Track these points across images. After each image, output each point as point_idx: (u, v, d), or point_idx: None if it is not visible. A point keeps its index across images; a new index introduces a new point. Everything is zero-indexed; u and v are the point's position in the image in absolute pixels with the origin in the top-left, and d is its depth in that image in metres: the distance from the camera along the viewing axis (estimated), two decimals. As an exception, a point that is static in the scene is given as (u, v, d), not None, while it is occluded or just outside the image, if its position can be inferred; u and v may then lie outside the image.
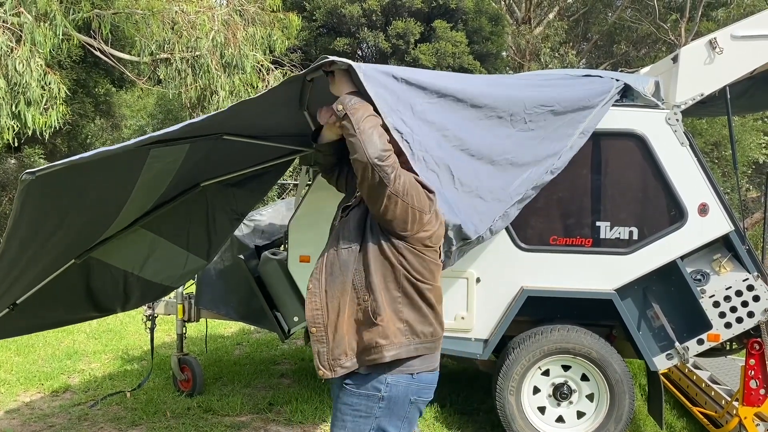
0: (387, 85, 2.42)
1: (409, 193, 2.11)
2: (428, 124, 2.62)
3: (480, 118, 2.98)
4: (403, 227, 2.13)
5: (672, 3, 20.39)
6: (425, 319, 2.22)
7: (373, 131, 2.11)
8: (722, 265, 3.91)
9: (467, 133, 2.89)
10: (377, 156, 2.05)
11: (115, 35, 11.87)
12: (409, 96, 2.56)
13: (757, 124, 13.99)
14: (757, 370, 3.86)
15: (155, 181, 3.35)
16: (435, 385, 2.33)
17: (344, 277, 2.19)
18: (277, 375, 5.74)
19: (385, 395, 2.19)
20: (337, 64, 2.26)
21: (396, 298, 2.17)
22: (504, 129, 3.12)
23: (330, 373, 2.21)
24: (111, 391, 5.22)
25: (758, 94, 4.63)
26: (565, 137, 3.43)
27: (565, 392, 4.05)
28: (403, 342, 2.18)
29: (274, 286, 4.46)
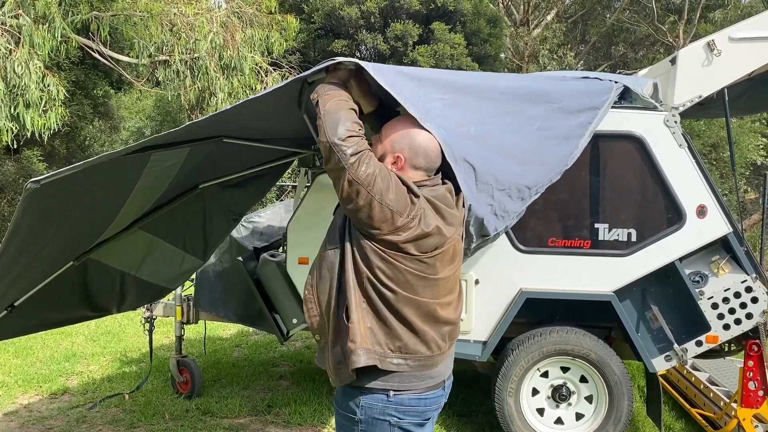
0: (399, 81, 2.33)
1: (377, 186, 1.94)
2: (447, 120, 2.49)
3: (497, 114, 2.88)
4: (370, 224, 1.96)
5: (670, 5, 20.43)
6: (392, 332, 2.02)
7: (339, 112, 2.00)
8: (721, 267, 3.91)
9: (490, 129, 2.78)
10: (337, 135, 1.94)
11: (113, 37, 11.88)
12: (420, 92, 2.44)
13: (755, 125, 14.01)
14: (756, 372, 3.86)
15: (155, 184, 3.35)
16: (426, 409, 2.11)
17: (331, 279, 2.07)
18: (275, 377, 5.74)
19: (361, 418, 2.04)
20: (344, 64, 2.20)
21: (361, 302, 2.02)
22: (523, 126, 3.02)
23: (336, 381, 2.09)
24: (109, 393, 5.22)
25: (756, 95, 4.63)
26: (579, 137, 3.36)
27: (563, 394, 4.05)
28: (371, 348, 1.99)
29: (273, 288, 4.46)
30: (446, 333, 2.13)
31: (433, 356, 2.08)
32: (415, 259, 2.01)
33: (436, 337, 2.08)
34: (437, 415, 2.26)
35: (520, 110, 3.02)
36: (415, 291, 2.02)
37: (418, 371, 2.06)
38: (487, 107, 2.82)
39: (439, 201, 2.08)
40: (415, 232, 1.98)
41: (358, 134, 1.99)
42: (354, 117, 2.03)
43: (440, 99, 2.52)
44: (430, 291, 2.05)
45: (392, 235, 1.97)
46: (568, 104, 3.31)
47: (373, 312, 2.02)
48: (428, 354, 2.07)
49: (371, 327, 2.01)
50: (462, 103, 2.66)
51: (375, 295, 2.01)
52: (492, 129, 2.80)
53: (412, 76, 2.44)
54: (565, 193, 3.98)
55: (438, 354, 2.10)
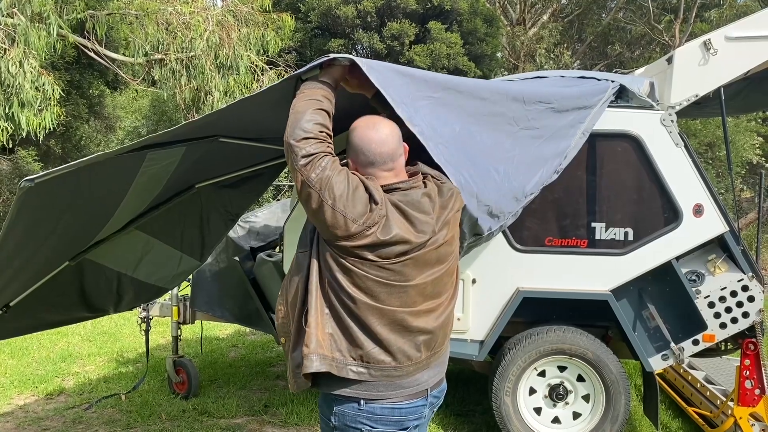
0: (391, 78, 2.34)
1: (331, 191, 1.87)
2: (437, 118, 2.52)
3: (484, 113, 2.89)
4: (324, 228, 1.91)
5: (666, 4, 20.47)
6: (354, 340, 1.94)
7: (304, 112, 1.97)
8: (717, 266, 3.91)
9: (476, 128, 2.80)
10: (293, 136, 1.92)
11: (109, 36, 11.87)
12: (415, 88, 2.46)
13: (751, 125, 14.04)
14: (752, 371, 3.87)
15: (150, 183, 3.34)
16: (402, 419, 2.01)
17: (299, 282, 2.00)
18: (272, 377, 5.73)
19: (336, 425, 2.01)
20: (338, 60, 2.18)
21: (323, 307, 1.96)
22: (508, 127, 3.04)
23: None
24: (106, 393, 5.20)
25: (752, 95, 4.64)
26: (568, 137, 3.39)
27: (561, 393, 4.05)
28: (328, 355, 1.93)
29: (270, 288, 4.45)
30: (421, 343, 2.00)
31: (401, 366, 1.97)
32: (375, 266, 1.92)
33: (405, 348, 1.97)
34: (425, 423, 2.17)
35: (508, 110, 3.04)
36: (377, 299, 1.93)
37: (385, 381, 1.96)
38: (475, 106, 2.83)
39: (410, 207, 1.97)
40: (371, 240, 1.89)
41: (317, 136, 1.94)
42: (319, 118, 1.97)
43: (430, 97, 2.52)
44: (397, 299, 1.95)
45: (346, 241, 1.89)
46: (558, 105, 3.31)
47: (334, 318, 1.95)
48: (394, 365, 1.96)
49: (332, 333, 1.94)
50: (451, 102, 2.68)
51: (336, 301, 1.94)
52: (478, 128, 2.81)
53: (405, 73, 2.45)
54: (561, 193, 3.99)
55: (408, 365, 1.99)
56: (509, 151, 3.01)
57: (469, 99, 2.81)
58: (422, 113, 2.37)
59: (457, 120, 2.68)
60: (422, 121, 2.34)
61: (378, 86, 2.18)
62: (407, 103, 2.30)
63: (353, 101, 2.43)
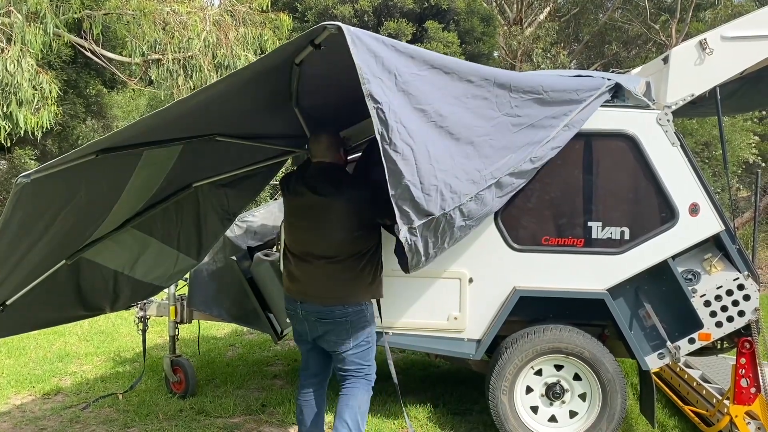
0: (375, 50, 2.40)
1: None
2: (409, 96, 2.60)
3: (467, 96, 2.94)
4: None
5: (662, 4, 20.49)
6: None
7: None
8: (713, 265, 3.93)
9: (450, 110, 2.85)
10: None
11: (105, 36, 11.83)
12: (396, 64, 2.52)
13: (747, 124, 14.06)
14: (748, 369, 3.88)
15: (147, 182, 3.35)
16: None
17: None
18: (270, 376, 5.73)
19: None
20: (328, 28, 2.29)
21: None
22: (489, 111, 3.08)
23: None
24: (103, 393, 5.20)
25: (748, 94, 4.65)
26: (548, 127, 3.40)
27: (557, 392, 4.05)
28: None
29: (267, 288, 4.45)
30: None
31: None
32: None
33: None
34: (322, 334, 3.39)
35: (492, 95, 3.06)
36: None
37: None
38: (459, 88, 2.89)
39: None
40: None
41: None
42: None
43: (416, 74, 2.61)
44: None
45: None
46: (546, 96, 3.32)
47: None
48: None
49: None
50: (435, 82, 2.74)
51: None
52: (455, 110, 2.88)
53: (395, 47, 2.52)
54: (558, 192, 4.00)
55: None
56: (482, 135, 3.06)
57: (455, 81, 2.87)
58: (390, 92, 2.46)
59: (436, 100, 2.75)
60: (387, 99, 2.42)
61: (356, 61, 2.27)
62: (378, 78, 2.39)
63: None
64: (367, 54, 2.33)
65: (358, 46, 2.27)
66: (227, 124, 3.25)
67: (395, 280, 4.09)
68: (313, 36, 2.37)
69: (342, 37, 2.24)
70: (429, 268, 3.50)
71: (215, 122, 3.13)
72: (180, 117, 2.69)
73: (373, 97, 2.36)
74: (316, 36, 2.37)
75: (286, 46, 2.46)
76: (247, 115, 3.25)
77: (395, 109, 2.46)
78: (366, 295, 3.42)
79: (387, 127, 2.43)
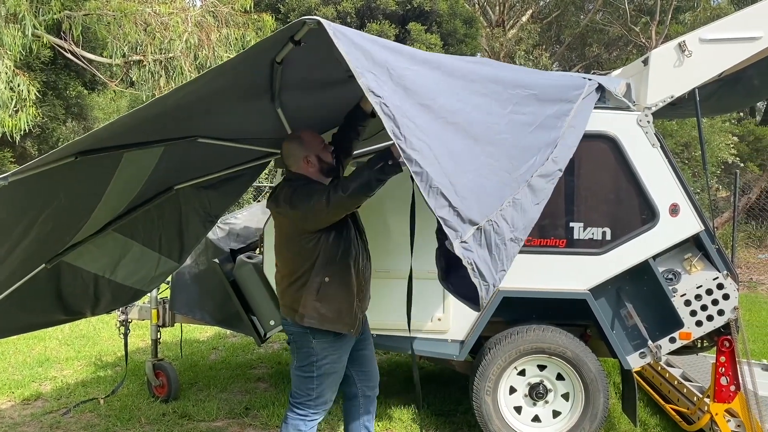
0: (361, 44, 2.20)
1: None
2: (408, 91, 2.32)
3: (466, 91, 2.66)
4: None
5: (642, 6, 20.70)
6: None
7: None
8: (693, 265, 3.97)
9: (457, 106, 2.54)
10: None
11: (86, 37, 11.72)
12: (385, 58, 2.29)
13: (726, 125, 14.24)
14: (728, 367, 3.93)
15: (128, 185, 3.31)
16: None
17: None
18: (253, 379, 5.70)
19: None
20: (307, 23, 2.14)
21: None
22: (495, 108, 2.79)
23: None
24: (84, 398, 5.14)
25: (726, 95, 4.71)
26: (555, 128, 3.16)
27: (540, 392, 4.08)
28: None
29: (250, 290, 4.43)
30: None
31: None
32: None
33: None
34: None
35: (492, 92, 2.82)
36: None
37: None
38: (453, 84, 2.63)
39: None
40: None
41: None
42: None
43: (408, 68, 2.39)
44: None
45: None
46: (540, 92, 3.13)
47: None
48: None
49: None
50: (429, 76, 2.52)
51: None
52: (460, 107, 2.59)
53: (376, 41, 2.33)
54: (540, 193, 4.01)
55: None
56: (500, 134, 2.76)
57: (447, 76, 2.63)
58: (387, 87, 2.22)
59: (438, 95, 2.48)
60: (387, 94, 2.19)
61: (343, 54, 2.09)
62: (370, 71, 2.17)
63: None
64: (353, 47, 2.15)
65: (342, 39, 2.12)
66: (209, 125, 3.23)
67: (379, 281, 4.08)
68: (293, 32, 2.29)
69: (323, 33, 2.14)
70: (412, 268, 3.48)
71: (196, 123, 3.10)
72: (159, 117, 2.66)
73: (373, 91, 2.14)
74: (296, 32, 2.28)
75: (264, 42, 2.40)
76: (228, 115, 3.22)
77: (398, 104, 2.23)
78: (302, 317, 3.14)
79: (395, 122, 2.19)
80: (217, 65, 2.47)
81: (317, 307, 3.10)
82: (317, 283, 3.10)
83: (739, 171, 10.64)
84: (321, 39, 2.23)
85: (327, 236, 3.10)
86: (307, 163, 3.20)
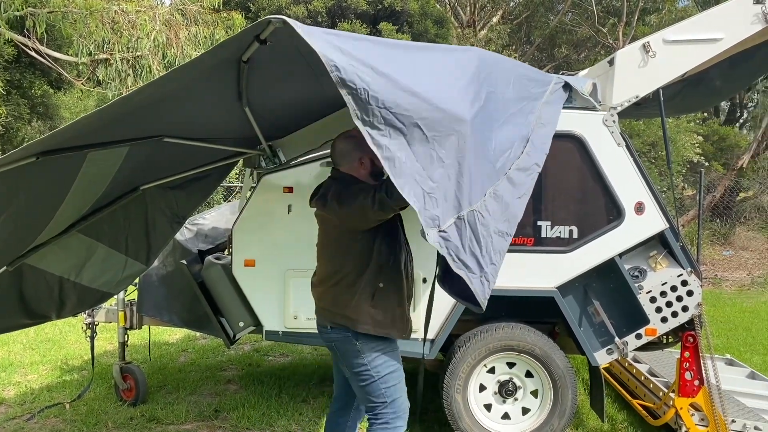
0: (331, 40, 2.17)
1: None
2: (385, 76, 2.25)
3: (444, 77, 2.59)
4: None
5: (610, 8, 20.99)
6: None
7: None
8: (658, 262, 4.04)
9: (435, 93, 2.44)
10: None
11: (51, 35, 11.50)
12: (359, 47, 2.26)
13: (691, 125, 14.52)
14: (692, 362, 4.00)
15: (92, 185, 3.26)
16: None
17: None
18: (223, 381, 5.65)
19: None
20: (273, 22, 2.11)
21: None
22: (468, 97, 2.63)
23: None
24: (49, 403, 5.04)
25: (689, 96, 4.80)
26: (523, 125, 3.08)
27: (510, 389, 4.11)
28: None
29: (219, 292, 4.38)
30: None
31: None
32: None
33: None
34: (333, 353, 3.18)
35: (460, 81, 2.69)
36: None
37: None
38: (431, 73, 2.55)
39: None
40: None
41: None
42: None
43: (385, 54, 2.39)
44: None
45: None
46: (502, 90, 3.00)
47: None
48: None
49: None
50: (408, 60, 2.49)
51: None
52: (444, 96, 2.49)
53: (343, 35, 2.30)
54: (509, 192, 4.04)
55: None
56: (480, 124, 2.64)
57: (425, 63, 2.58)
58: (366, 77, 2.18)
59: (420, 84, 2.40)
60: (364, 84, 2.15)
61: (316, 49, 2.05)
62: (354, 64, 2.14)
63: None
64: (324, 43, 2.11)
65: (313, 35, 2.08)
66: (175, 125, 3.19)
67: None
68: (258, 30, 2.26)
69: (289, 32, 2.12)
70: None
71: (162, 122, 3.06)
72: (124, 116, 2.62)
73: (346, 83, 2.11)
74: (261, 30, 2.26)
75: (229, 41, 2.37)
76: (195, 115, 3.19)
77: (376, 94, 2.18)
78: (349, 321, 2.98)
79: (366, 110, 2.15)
80: (182, 64, 2.44)
81: (372, 313, 2.96)
82: (372, 289, 2.96)
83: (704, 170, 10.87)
84: (287, 38, 2.22)
85: (379, 239, 2.97)
86: (360, 165, 3.03)
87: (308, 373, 5.83)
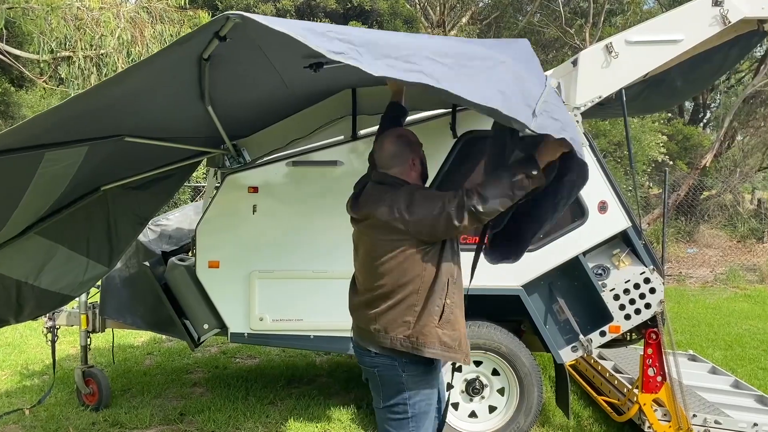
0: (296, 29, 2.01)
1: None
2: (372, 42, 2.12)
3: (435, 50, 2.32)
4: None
5: (577, 9, 21.26)
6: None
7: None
8: (621, 260, 4.09)
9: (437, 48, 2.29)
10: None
11: (11, 31, 11.23)
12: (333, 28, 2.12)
13: (655, 125, 14.75)
14: (654, 359, 4.07)
15: (50, 185, 3.18)
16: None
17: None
18: (189, 384, 5.57)
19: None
20: (231, 18, 2.03)
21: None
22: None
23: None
24: (8, 409, 4.91)
25: (651, 96, 4.86)
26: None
27: (477, 387, 4.13)
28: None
29: (182, 294, 4.32)
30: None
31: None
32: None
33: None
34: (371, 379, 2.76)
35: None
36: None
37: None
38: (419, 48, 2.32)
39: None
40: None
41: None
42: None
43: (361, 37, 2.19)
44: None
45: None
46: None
47: None
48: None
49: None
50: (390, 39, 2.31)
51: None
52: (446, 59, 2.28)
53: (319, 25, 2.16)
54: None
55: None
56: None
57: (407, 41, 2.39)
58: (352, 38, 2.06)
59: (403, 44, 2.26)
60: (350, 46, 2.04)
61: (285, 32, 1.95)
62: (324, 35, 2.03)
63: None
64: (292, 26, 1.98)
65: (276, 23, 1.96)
66: (136, 124, 3.13)
67: (317, 282, 4.06)
68: (216, 27, 2.21)
69: (250, 28, 2.07)
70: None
71: (123, 121, 3.00)
72: (82, 115, 2.56)
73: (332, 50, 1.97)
74: (220, 27, 2.21)
75: (187, 37, 2.32)
76: (156, 113, 3.13)
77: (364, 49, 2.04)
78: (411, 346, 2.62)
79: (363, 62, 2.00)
80: (141, 60, 2.39)
81: (440, 334, 2.62)
82: (439, 307, 2.64)
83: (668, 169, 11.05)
84: (249, 35, 2.18)
85: (443, 251, 2.66)
86: (412, 167, 2.77)
87: (276, 375, 5.78)
